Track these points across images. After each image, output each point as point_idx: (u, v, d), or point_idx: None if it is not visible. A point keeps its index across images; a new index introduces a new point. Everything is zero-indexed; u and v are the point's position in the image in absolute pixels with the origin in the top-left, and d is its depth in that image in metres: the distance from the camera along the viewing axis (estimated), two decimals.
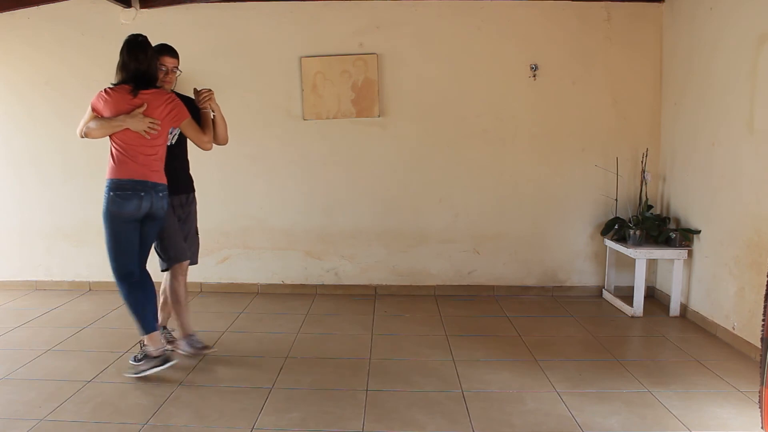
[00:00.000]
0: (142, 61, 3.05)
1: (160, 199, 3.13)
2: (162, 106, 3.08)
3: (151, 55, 3.09)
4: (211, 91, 3.30)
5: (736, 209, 3.65)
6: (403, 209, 4.85)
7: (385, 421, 2.72)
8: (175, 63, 3.28)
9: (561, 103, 4.68)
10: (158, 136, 3.10)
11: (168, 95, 3.14)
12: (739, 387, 3.04)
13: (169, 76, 3.26)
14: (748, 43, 3.49)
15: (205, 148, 3.30)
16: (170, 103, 3.12)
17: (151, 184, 3.09)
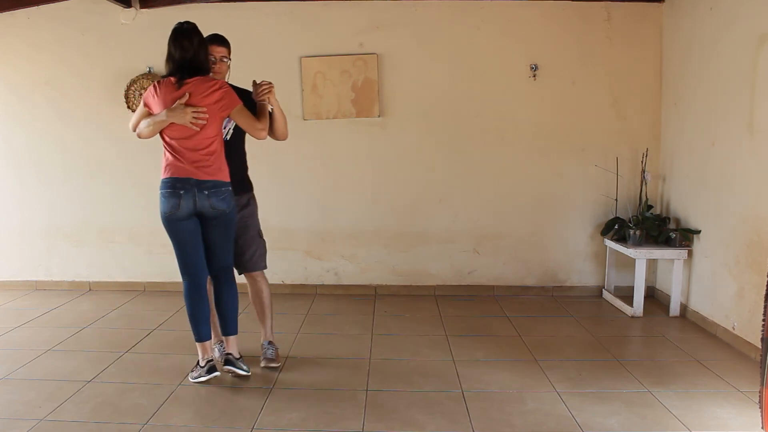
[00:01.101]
0: (186, 48, 2.87)
1: (206, 198, 2.90)
2: (208, 93, 2.87)
3: (199, 42, 2.91)
4: (272, 84, 3.11)
5: (736, 209, 3.65)
6: (403, 209, 4.85)
7: (385, 421, 2.72)
8: (224, 52, 3.15)
9: (561, 103, 4.68)
10: (208, 127, 2.88)
11: (214, 81, 2.93)
12: (739, 387, 3.04)
13: (218, 65, 3.11)
14: (748, 43, 3.49)
15: (259, 137, 3.03)
16: (217, 90, 2.89)
17: (194, 181, 2.89)
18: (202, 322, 3.07)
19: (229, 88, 2.96)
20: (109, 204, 4.97)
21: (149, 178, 3.12)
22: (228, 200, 2.97)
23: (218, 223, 2.99)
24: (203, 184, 2.89)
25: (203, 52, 2.94)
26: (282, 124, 3.22)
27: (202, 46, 2.94)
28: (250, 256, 3.30)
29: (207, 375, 3.05)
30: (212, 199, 2.91)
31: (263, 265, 3.37)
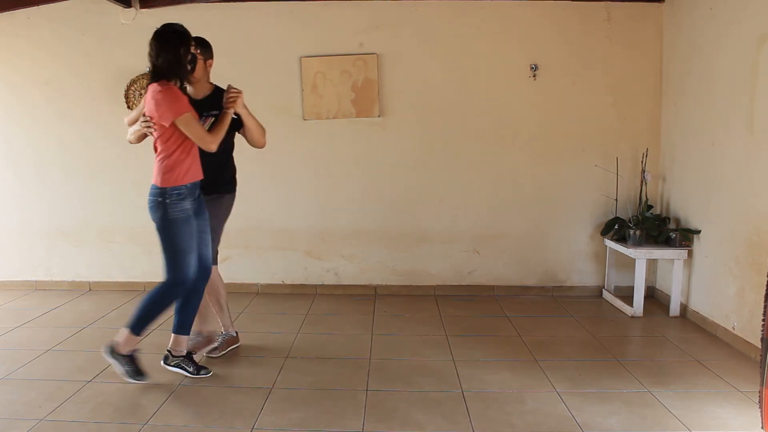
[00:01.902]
0: (149, 54, 2.90)
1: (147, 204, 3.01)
2: (149, 100, 2.89)
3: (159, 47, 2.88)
4: (240, 91, 3.10)
5: (736, 209, 3.65)
6: (403, 209, 4.85)
7: (385, 421, 2.72)
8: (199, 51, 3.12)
9: (561, 103, 4.68)
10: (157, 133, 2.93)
11: (155, 88, 2.86)
12: (739, 387, 3.04)
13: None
14: (748, 43, 3.49)
15: (208, 149, 2.97)
16: (152, 95, 2.87)
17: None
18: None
19: (163, 95, 2.85)
20: (109, 204, 4.97)
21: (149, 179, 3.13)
22: (152, 209, 2.96)
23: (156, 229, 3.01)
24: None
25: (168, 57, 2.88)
26: (254, 132, 3.25)
27: (169, 50, 2.88)
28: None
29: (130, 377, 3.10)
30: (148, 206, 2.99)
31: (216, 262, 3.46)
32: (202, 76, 3.20)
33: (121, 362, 3.04)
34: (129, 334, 3.04)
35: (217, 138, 3.00)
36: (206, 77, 3.24)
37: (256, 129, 3.25)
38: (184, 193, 2.96)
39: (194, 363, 3.21)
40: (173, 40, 2.91)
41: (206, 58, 3.20)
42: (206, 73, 3.23)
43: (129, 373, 3.04)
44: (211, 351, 3.47)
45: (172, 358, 3.20)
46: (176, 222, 2.95)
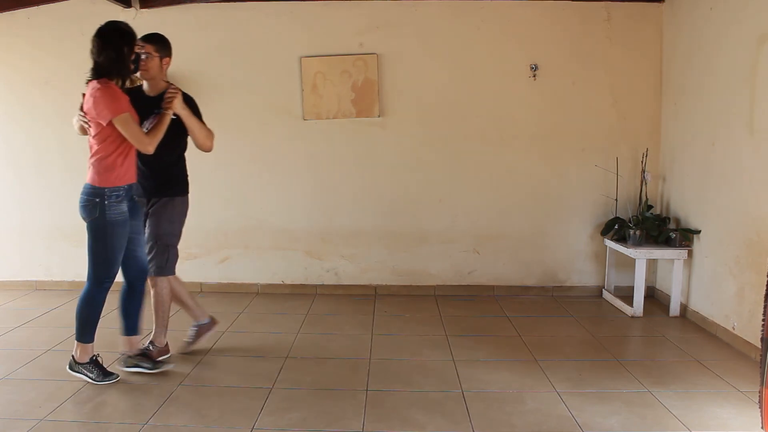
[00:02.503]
0: (91, 51, 2.88)
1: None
2: (87, 98, 2.88)
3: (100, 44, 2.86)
4: (177, 90, 3.07)
5: (736, 209, 3.65)
6: (403, 209, 4.85)
7: (385, 421, 2.72)
8: (149, 49, 3.08)
9: (561, 103, 4.68)
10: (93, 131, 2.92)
11: (94, 86, 2.86)
12: (739, 387, 3.04)
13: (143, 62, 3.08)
14: (748, 43, 3.49)
15: (145, 151, 2.93)
16: (91, 93, 2.85)
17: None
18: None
19: (102, 93, 2.83)
20: None
21: None
22: (86, 208, 2.94)
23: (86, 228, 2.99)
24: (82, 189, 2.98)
25: (110, 54, 2.86)
26: (197, 134, 3.18)
27: (111, 48, 2.87)
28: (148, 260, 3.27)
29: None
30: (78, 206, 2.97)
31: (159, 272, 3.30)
32: (158, 74, 3.16)
33: (86, 370, 3.08)
34: (79, 344, 3.07)
35: (154, 139, 2.95)
36: (162, 75, 3.20)
37: (199, 131, 3.19)
38: (122, 194, 2.96)
39: (152, 360, 3.24)
40: (116, 38, 2.88)
41: (163, 56, 3.16)
42: (162, 71, 3.19)
43: (97, 377, 3.08)
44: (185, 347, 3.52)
45: (129, 360, 3.20)
46: (113, 224, 2.94)
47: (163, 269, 3.31)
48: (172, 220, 3.31)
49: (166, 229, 3.30)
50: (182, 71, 4.75)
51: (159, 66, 3.16)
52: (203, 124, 3.23)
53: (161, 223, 3.28)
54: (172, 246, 3.34)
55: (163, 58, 3.18)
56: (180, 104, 3.06)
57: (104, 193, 2.91)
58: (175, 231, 3.34)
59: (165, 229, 3.29)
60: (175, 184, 3.34)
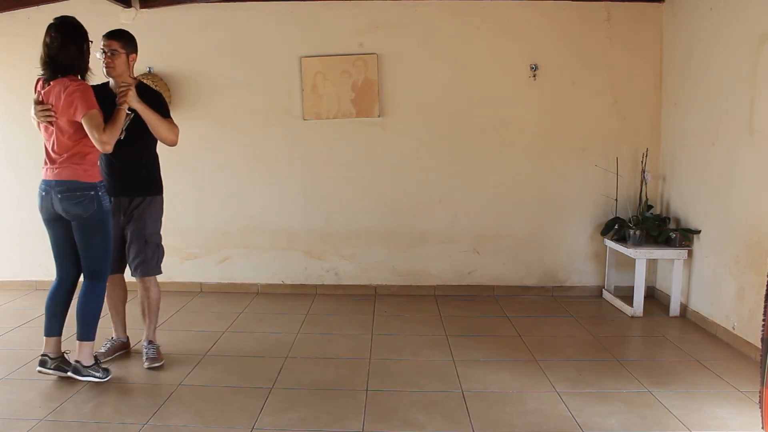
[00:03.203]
0: (49, 45, 2.85)
1: (59, 201, 2.93)
2: (60, 94, 2.84)
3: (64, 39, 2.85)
4: (129, 85, 3.02)
5: (736, 209, 3.65)
6: (403, 209, 4.85)
7: (385, 421, 2.72)
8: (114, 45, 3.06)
9: (561, 103, 4.68)
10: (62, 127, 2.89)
11: (70, 83, 2.85)
12: (739, 387, 3.04)
13: (108, 59, 3.06)
14: (748, 43, 3.49)
15: (102, 150, 2.90)
16: (67, 92, 2.83)
17: (51, 183, 2.95)
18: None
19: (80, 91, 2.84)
20: None
21: None
22: (81, 204, 2.93)
23: (77, 227, 3.00)
24: (54, 185, 2.94)
25: (72, 50, 2.87)
26: (157, 128, 3.12)
27: (72, 44, 2.87)
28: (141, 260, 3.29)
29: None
30: (66, 203, 2.93)
31: (149, 272, 3.32)
32: (124, 71, 3.12)
33: (94, 372, 3.08)
34: (85, 344, 3.06)
35: (110, 136, 2.88)
36: (128, 72, 3.15)
37: (158, 125, 3.12)
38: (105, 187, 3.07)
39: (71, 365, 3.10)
40: (77, 34, 2.90)
41: (129, 52, 3.13)
42: (129, 67, 3.15)
43: (104, 375, 3.10)
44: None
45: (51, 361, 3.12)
46: (109, 214, 3.04)
47: (155, 269, 3.35)
48: (156, 219, 3.34)
49: (153, 228, 3.32)
50: (182, 71, 4.76)
51: (126, 63, 3.12)
52: (164, 118, 3.16)
53: (147, 222, 3.28)
54: (160, 245, 3.38)
55: (130, 54, 3.14)
56: (134, 98, 3.00)
57: (97, 187, 2.97)
58: (159, 229, 3.38)
59: (152, 228, 3.31)
60: (156, 182, 3.36)
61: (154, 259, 3.33)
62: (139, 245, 3.26)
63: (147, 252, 3.28)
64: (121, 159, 3.17)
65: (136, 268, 3.30)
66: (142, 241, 3.26)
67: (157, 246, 3.35)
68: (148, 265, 3.31)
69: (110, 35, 3.09)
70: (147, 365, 3.31)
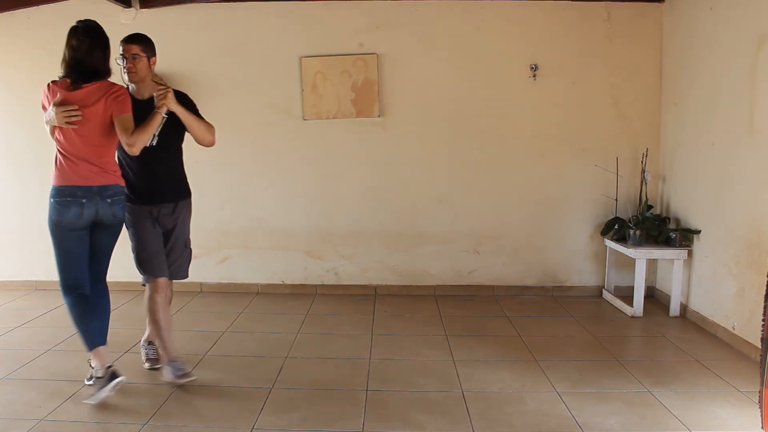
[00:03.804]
0: (76, 48, 2.78)
1: (108, 206, 2.85)
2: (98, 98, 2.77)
3: (92, 43, 2.78)
4: (167, 89, 2.93)
5: (736, 209, 3.65)
6: (403, 209, 4.85)
7: (385, 421, 2.72)
8: (135, 49, 2.97)
9: (561, 103, 4.68)
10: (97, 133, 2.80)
11: (112, 87, 2.82)
12: (739, 387, 3.04)
13: (130, 63, 2.97)
14: (748, 43, 3.49)
15: (129, 152, 2.84)
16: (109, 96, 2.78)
17: (95, 188, 2.81)
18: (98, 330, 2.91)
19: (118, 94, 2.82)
20: None
21: None
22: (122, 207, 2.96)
23: (110, 232, 2.96)
24: (104, 190, 2.84)
25: (98, 54, 2.81)
26: (196, 129, 3.04)
27: (98, 48, 2.81)
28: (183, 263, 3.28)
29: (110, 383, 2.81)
30: (114, 207, 2.88)
31: (182, 276, 3.31)
32: (147, 75, 3.05)
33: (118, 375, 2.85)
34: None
35: (140, 139, 2.80)
36: (150, 76, 3.09)
37: (197, 126, 3.05)
38: None
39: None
40: (102, 38, 2.86)
41: (149, 55, 3.05)
42: (150, 71, 3.07)
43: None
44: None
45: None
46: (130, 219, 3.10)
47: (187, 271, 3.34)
48: (189, 223, 3.34)
49: (188, 233, 3.32)
50: (182, 71, 4.75)
51: (147, 66, 3.04)
52: (201, 118, 3.11)
53: (185, 227, 3.28)
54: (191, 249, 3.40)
55: (150, 58, 3.06)
56: (173, 100, 2.93)
57: (122, 191, 2.98)
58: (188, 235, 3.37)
59: (188, 233, 3.32)
60: (188, 185, 3.32)
61: (188, 262, 3.34)
62: (180, 250, 3.24)
63: (184, 256, 3.29)
64: (160, 165, 3.11)
65: (176, 272, 3.25)
66: (182, 246, 3.25)
67: (190, 251, 3.36)
68: (183, 268, 3.30)
69: (129, 39, 3.01)
70: (148, 366, 3.30)
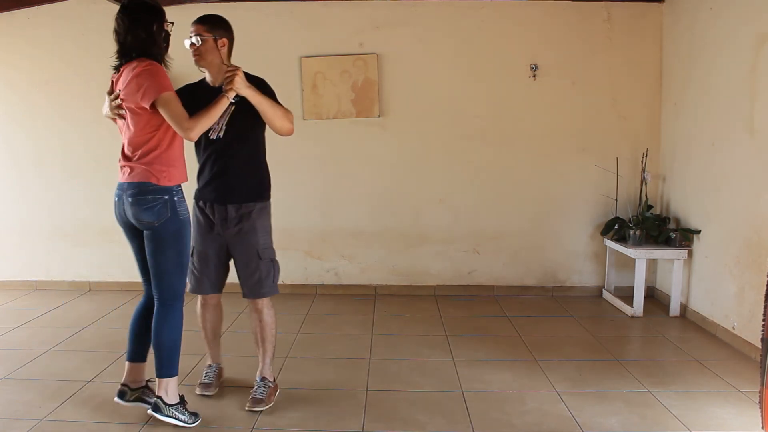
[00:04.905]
0: (117, 30, 2.49)
1: (130, 206, 2.51)
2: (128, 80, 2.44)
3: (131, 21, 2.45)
4: (236, 69, 2.59)
5: (736, 209, 3.65)
6: (403, 209, 4.85)
7: (385, 421, 2.72)
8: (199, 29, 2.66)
9: (561, 103, 4.68)
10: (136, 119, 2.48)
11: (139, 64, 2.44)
12: (739, 387, 3.04)
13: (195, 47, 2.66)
14: (748, 43, 3.49)
15: (187, 137, 2.50)
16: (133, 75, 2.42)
17: (125, 185, 2.54)
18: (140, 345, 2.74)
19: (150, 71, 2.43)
20: (109, 204, 4.91)
21: None
22: (158, 210, 2.49)
23: (150, 237, 2.54)
24: (126, 187, 2.53)
25: (140, 32, 2.46)
26: (271, 115, 2.69)
27: (139, 26, 2.46)
28: (246, 280, 2.83)
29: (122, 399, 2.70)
30: (136, 208, 2.50)
31: (263, 293, 2.83)
32: (214, 58, 2.70)
33: (178, 413, 2.61)
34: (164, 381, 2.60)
35: (198, 124, 2.47)
36: (219, 59, 2.73)
37: (272, 111, 2.69)
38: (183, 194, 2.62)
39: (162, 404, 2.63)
40: (144, 15, 2.49)
41: (217, 36, 2.71)
42: (218, 54, 2.72)
43: (189, 419, 2.64)
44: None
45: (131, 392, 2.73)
46: (186, 224, 2.59)
47: (271, 288, 2.84)
48: (268, 230, 2.91)
49: (267, 241, 2.87)
50: (182, 71, 4.74)
51: (215, 48, 2.70)
52: (278, 104, 2.76)
53: (260, 234, 2.83)
54: (275, 260, 2.89)
55: (219, 39, 2.72)
56: (243, 83, 2.58)
57: (173, 190, 2.54)
58: (271, 242, 2.92)
59: (265, 242, 2.86)
60: (267, 185, 2.97)
61: (270, 277, 2.83)
62: (253, 262, 2.79)
63: (261, 270, 2.80)
64: (224, 159, 2.74)
65: (251, 288, 2.82)
66: (255, 257, 2.79)
67: (272, 261, 2.86)
68: (263, 284, 2.81)
69: (197, 20, 2.70)
70: (248, 407, 2.78)
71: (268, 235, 2.91)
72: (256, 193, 2.88)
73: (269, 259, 2.86)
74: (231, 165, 2.77)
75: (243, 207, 2.81)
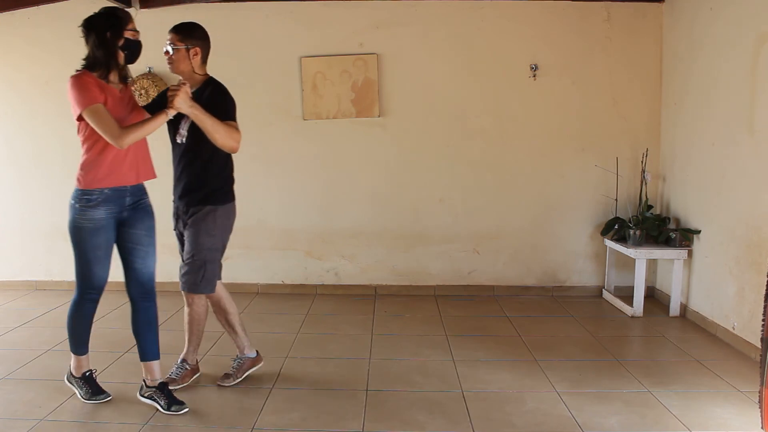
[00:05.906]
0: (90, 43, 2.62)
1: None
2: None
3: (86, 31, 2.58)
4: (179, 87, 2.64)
5: (736, 209, 3.65)
6: (403, 209, 4.85)
7: (385, 421, 2.72)
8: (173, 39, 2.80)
9: (561, 103, 4.68)
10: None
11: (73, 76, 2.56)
12: (739, 387, 3.04)
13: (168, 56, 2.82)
14: (748, 42, 3.49)
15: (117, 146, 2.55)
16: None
17: None
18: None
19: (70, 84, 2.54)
20: None
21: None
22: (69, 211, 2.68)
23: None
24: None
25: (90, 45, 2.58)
26: (213, 134, 2.75)
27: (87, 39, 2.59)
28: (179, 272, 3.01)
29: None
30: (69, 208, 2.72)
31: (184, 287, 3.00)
32: (187, 68, 2.83)
33: (77, 386, 2.91)
34: (73, 356, 2.92)
35: (130, 135, 2.54)
36: (191, 68, 2.85)
37: (212, 130, 2.74)
38: (96, 199, 2.63)
39: (167, 396, 2.81)
40: (98, 23, 2.56)
41: (189, 45, 2.81)
42: (190, 63, 2.83)
43: (86, 394, 2.88)
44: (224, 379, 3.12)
45: (145, 389, 2.87)
46: (83, 230, 2.66)
47: (196, 286, 2.96)
48: (210, 233, 2.96)
49: (205, 243, 2.94)
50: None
51: (186, 57, 2.81)
52: (222, 122, 2.79)
53: (200, 235, 2.93)
54: (210, 262, 2.97)
55: (190, 48, 2.81)
56: (185, 102, 2.64)
57: (77, 196, 2.65)
58: (213, 245, 2.98)
59: (203, 243, 2.93)
60: (217, 192, 3.04)
61: (198, 275, 2.94)
62: (187, 257, 2.95)
63: (190, 266, 2.95)
64: (183, 163, 2.94)
65: (180, 279, 3.01)
66: (189, 254, 2.94)
67: (204, 263, 2.94)
68: (189, 281, 2.96)
69: (172, 29, 2.82)
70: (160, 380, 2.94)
71: (212, 237, 2.99)
72: (206, 197, 2.98)
73: (201, 260, 2.95)
74: (190, 168, 2.95)
75: (194, 207, 2.97)
